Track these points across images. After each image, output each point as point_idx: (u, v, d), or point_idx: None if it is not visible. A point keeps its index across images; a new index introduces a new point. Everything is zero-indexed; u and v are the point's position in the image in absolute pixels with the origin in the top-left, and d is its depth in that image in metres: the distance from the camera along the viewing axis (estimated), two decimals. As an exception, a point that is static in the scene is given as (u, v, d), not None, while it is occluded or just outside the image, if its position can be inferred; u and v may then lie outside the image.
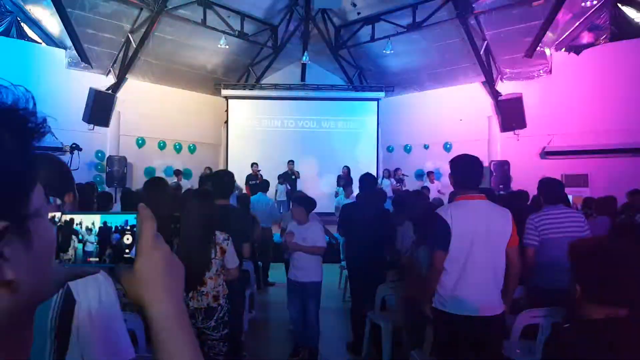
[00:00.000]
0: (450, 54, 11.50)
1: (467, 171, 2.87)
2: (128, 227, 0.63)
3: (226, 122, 13.06)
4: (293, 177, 11.13)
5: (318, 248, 4.30)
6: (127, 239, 0.62)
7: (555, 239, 3.56)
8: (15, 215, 0.46)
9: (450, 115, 11.88)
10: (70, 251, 0.61)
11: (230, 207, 4.04)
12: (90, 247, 0.61)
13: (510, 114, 10.47)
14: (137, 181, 10.65)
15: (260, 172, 10.67)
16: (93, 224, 0.62)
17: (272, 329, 5.59)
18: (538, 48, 10.15)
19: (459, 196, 2.87)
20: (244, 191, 9.36)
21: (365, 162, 12.33)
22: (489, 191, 4.78)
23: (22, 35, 9.77)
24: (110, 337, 1.13)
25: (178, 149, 12.76)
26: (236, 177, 4.64)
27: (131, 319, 2.49)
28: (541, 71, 10.49)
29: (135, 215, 0.63)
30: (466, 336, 2.73)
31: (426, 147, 12.65)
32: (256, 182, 10.30)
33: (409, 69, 12.56)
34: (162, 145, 12.44)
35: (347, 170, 10.96)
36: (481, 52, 10.62)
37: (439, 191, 10.44)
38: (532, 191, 5.98)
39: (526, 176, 9.13)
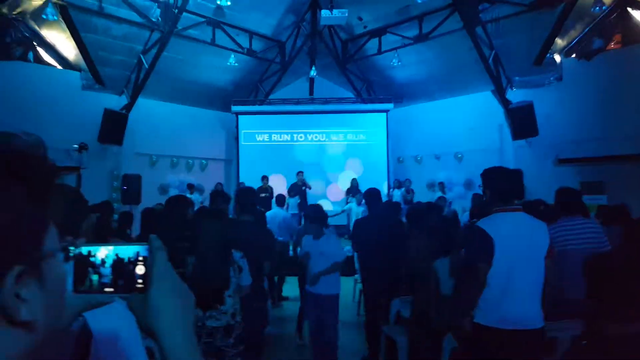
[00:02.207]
0: (458, 63, 11.50)
1: (507, 184, 2.85)
2: (140, 258, 0.65)
3: (236, 137, 13.21)
4: (304, 187, 11.16)
5: (337, 265, 4.30)
6: (140, 270, 0.65)
7: (573, 251, 3.51)
8: (31, 258, 0.49)
9: (460, 124, 11.83)
10: (87, 282, 0.63)
11: (252, 224, 4.05)
12: (105, 278, 0.64)
13: (522, 122, 10.38)
14: (151, 199, 10.74)
15: (270, 186, 10.73)
16: (107, 255, 0.64)
17: (286, 344, 5.56)
18: (547, 55, 10.10)
19: (498, 209, 2.83)
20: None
21: (375, 173, 12.34)
22: (533, 203, 4.70)
23: (38, 59, 10.01)
24: None
25: (190, 165, 12.89)
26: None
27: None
28: (552, 78, 10.41)
29: (145, 246, 0.66)
30: (510, 350, 2.67)
31: (437, 157, 12.61)
32: (267, 194, 10.36)
33: (417, 80, 12.59)
34: (174, 163, 12.59)
35: (356, 183, 10.99)
36: (489, 61, 10.60)
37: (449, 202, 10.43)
38: (547, 199, 5.94)
39: (540, 185, 9.01)
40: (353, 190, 10.70)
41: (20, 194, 0.49)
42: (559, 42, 10.07)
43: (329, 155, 13.06)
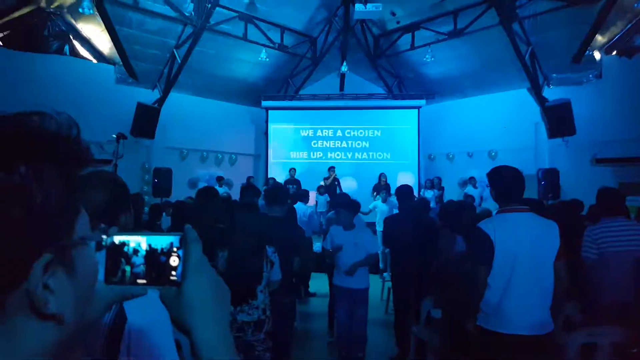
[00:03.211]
0: (494, 60, 11.21)
1: (509, 183, 2.77)
2: (174, 249, 0.62)
3: (266, 132, 13.27)
4: (336, 183, 11.12)
5: (373, 256, 4.26)
6: (173, 261, 0.62)
7: (616, 253, 3.36)
8: (60, 246, 0.46)
9: (494, 122, 11.55)
10: (119, 273, 0.60)
11: (282, 219, 4.04)
12: (137, 269, 0.61)
13: (559, 121, 10.05)
14: (181, 192, 10.92)
15: (297, 178, 10.79)
16: (139, 245, 0.62)
17: (314, 340, 5.55)
18: (587, 52, 9.74)
19: (502, 209, 2.78)
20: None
21: (406, 171, 12.18)
22: (537, 202, 4.57)
23: (74, 53, 10.26)
24: (160, 354, 1.13)
25: (219, 160, 13.05)
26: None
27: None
28: (591, 76, 10.05)
29: (179, 237, 0.63)
30: (511, 355, 2.59)
31: (469, 155, 12.35)
32: (294, 186, 10.39)
33: (450, 76, 12.33)
34: (204, 157, 12.76)
35: (384, 179, 10.89)
36: (526, 58, 10.29)
37: (480, 197, 10.22)
38: (583, 200, 5.72)
39: (576, 184, 8.73)
40: (381, 186, 10.60)
41: (50, 175, 0.46)
42: (599, 38, 9.68)
43: (359, 151, 12.97)
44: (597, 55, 9.94)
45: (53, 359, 0.47)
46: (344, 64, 12.27)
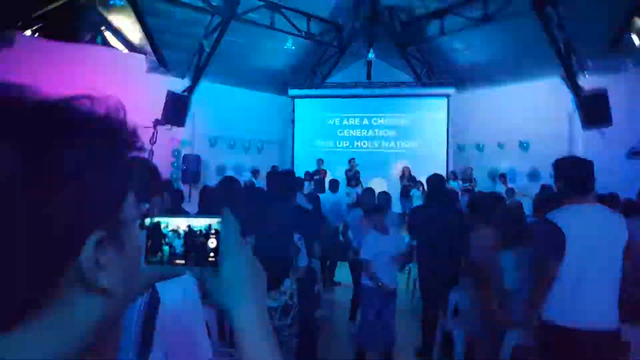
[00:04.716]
0: (526, 47, 10.84)
1: (582, 174, 2.70)
2: (213, 231, 0.63)
3: (292, 121, 13.30)
4: (357, 175, 11.11)
5: (401, 256, 4.25)
6: (212, 243, 0.63)
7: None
8: (111, 224, 0.49)
9: (526, 111, 11.24)
10: (159, 254, 0.62)
11: (302, 207, 4.09)
12: (176, 250, 0.62)
13: (594, 111, 9.71)
14: (210, 178, 11.12)
15: (325, 169, 10.78)
16: (179, 227, 0.63)
17: (338, 328, 5.59)
18: (625, 38, 9.34)
19: (570, 200, 2.69)
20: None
21: (433, 161, 12.03)
22: (612, 196, 4.41)
23: (106, 43, 10.47)
24: (193, 337, 1.16)
25: (247, 147, 13.19)
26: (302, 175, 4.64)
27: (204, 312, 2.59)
28: (630, 63, 9.64)
29: (218, 219, 0.64)
30: (580, 352, 2.55)
31: (501, 145, 12.08)
32: (320, 177, 10.42)
33: (481, 64, 12.01)
34: (232, 144, 12.92)
35: (408, 171, 10.77)
36: (560, 45, 9.94)
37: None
38: (619, 193, 5.54)
39: (612, 177, 8.44)
40: (406, 177, 10.51)
41: (103, 156, 0.48)
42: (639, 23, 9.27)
43: (385, 140, 12.86)
44: (636, 40, 9.52)
45: (99, 336, 0.49)
46: (371, 51, 12.12)
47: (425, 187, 9.23)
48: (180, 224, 0.63)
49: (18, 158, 0.42)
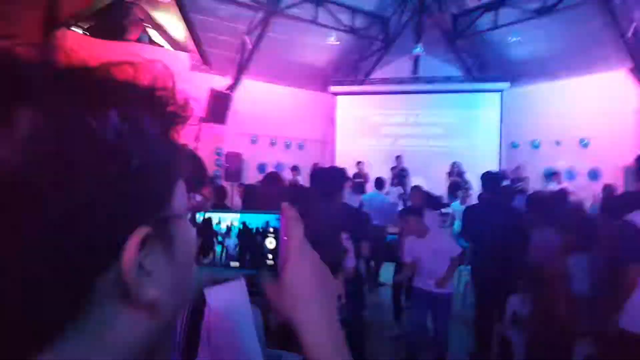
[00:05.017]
0: (588, 39, 10.12)
1: None
2: (271, 229, 0.57)
3: (334, 118, 13.13)
4: (404, 173, 10.73)
5: (455, 260, 3.98)
6: (270, 243, 0.57)
7: None
8: (158, 218, 0.39)
9: (587, 107, 10.50)
10: (210, 255, 0.56)
11: (349, 205, 3.91)
12: (230, 250, 0.57)
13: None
14: (251, 177, 11.14)
15: (366, 172, 10.51)
16: (232, 224, 0.57)
17: (384, 331, 5.40)
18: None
19: None
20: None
21: (485, 159, 11.41)
22: None
23: (151, 41, 10.67)
24: (241, 342, 1.09)
25: (288, 145, 13.15)
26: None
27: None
28: None
29: (277, 216, 0.57)
30: None
31: (558, 143, 11.32)
32: (361, 180, 10.16)
33: (537, 57, 11.31)
34: (273, 142, 12.92)
35: (457, 168, 10.26)
36: (628, 36, 9.18)
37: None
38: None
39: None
40: (454, 173, 10.06)
41: (149, 130, 0.39)
42: None
43: (433, 138, 12.38)
44: None
45: (146, 353, 0.40)
46: (419, 45, 11.70)
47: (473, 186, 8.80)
48: (233, 220, 0.58)
49: (48, 130, 0.32)
